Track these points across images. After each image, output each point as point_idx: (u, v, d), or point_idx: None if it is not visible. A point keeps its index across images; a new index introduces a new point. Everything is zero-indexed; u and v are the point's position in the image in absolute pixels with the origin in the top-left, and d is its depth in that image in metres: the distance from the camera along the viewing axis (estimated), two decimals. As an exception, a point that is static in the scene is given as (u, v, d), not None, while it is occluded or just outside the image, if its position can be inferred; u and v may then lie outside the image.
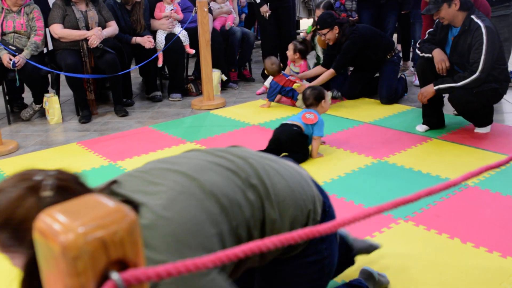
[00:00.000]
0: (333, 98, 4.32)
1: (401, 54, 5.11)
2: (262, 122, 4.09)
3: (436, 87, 3.42)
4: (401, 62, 5.14)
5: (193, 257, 0.95)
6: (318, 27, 4.51)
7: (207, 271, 1.12)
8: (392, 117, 4.07)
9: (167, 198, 1.16)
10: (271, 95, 4.52)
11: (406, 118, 4.00)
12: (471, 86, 3.31)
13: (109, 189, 1.19)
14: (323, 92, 3.41)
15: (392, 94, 4.40)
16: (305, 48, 4.81)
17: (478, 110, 3.47)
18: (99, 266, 0.53)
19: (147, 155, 3.48)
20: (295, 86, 4.44)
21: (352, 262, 1.89)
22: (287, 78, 4.50)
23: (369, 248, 1.99)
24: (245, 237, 1.25)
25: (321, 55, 5.10)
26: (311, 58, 5.45)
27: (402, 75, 4.71)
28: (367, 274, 1.88)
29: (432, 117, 3.65)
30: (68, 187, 1.08)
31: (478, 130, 3.59)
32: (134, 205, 1.13)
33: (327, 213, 1.47)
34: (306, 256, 1.44)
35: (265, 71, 4.65)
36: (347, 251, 1.86)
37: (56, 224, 0.53)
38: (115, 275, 0.53)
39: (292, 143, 3.21)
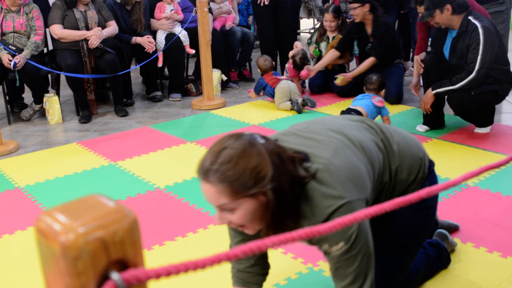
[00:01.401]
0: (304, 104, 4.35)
1: (403, 63, 5.08)
2: (262, 122, 4.09)
3: (434, 91, 3.42)
4: (406, 70, 5.17)
5: (357, 193, 1.39)
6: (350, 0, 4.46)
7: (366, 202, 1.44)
8: (392, 117, 4.07)
9: (332, 149, 1.44)
10: (257, 89, 4.62)
11: (406, 118, 4.00)
12: (468, 87, 3.30)
13: (277, 144, 1.40)
14: (386, 82, 3.76)
15: (401, 93, 4.41)
16: (301, 65, 4.75)
17: (477, 111, 3.47)
18: (99, 266, 0.53)
19: (147, 155, 3.48)
20: (338, 80, 4.42)
21: (431, 236, 2.10)
22: (275, 77, 4.51)
23: (450, 227, 2.26)
24: (378, 181, 1.55)
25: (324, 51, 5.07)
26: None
27: None
28: (442, 236, 2.10)
29: (432, 117, 3.65)
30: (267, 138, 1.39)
31: (478, 130, 3.59)
32: (305, 156, 1.40)
33: (431, 169, 1.74)
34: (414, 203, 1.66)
35: (258, 69, 4.66)
36: (434, 224, 2.10)
37: (56, 224, 0.53)
38: (115, 275, 0.53)
39: None
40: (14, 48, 4.21)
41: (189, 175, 3.08)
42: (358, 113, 3.40)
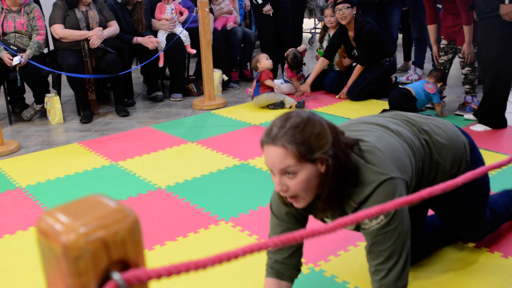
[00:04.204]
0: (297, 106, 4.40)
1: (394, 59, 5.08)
2: (263, 122, 4.09)
3: None
4: (407, 70, 5.18)
5: (399, 173, 1.52)
6: (340, 0, 4.48)
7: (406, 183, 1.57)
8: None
9: (376, 136, 1.60)
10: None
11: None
12: None
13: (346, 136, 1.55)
14: (446, 77, 4.15)
15: (356, 92, 4.51)
16: (294, 64, 4.76)
17: None
18: (101, 266, 0.53)
19: (148, 155, 3.48)
20: (340, 96, 4.63)
21: None
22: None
23: None
24: (417, 170, 1.67)
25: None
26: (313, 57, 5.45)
27: (394, 77, 4.75)
28: None
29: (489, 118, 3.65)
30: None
31: (475, 128, 3.64)
32: (356, 141, 1.54)
33: (475, 151, 1.91)
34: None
35: (256, 66, 4.62)
36: None
37: (57, 224, 0.53)
38: (116, 275, 0.53)
39: (398, 101, 3.85)
40: (16, 48, 4.21)
41: (190, 175, 3.08)
42: (407, 90, 3.88)
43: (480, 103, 3.68)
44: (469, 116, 3.82)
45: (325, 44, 5.00)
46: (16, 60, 4.05)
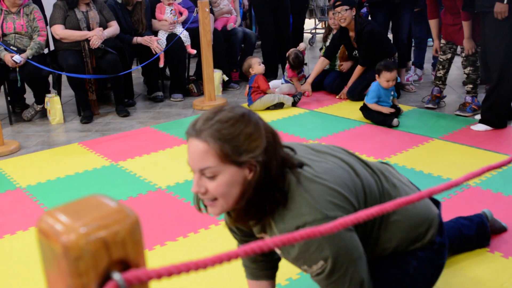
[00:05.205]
0: (294, 103, 4.47)
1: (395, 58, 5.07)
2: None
3: None
4: (408, 70, 5.17)
5: (331, 214, 1.26)
6: (340, 2, 4.47)
7: (351, 227, 1.33)
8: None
9: (327, 167, 1.38)
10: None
11: (407, 119, 4.00)
12: None
13: (288, 152, 1.38)
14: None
15: (356, 92, 4.53)
16: (295, 64, 4.78)
17: None
18: (101, 266, 0.53)
19: (148, 155, 3.48)
20: (341, 96, 4.66)
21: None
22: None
23: (501, 229, 2.26)
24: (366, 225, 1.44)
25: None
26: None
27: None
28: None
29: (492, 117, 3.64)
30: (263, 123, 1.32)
31: (475, 127, 3.63)
32: (301, 164, 1.35)
33: (435, 245, 1.56)
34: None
35: (248, 71, 4.59)
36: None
37: (58, 225, 0.53)
38: (116, 275, 0.53)
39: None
40: (16, 49, 4.21)
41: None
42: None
43: (485, 98, 3.66)
44: (478, 116, 3.79)
45: (328, 43, 5.00)
46: (15, 58, 4.06)
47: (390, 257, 1.52)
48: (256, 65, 4.50)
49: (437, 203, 1.67)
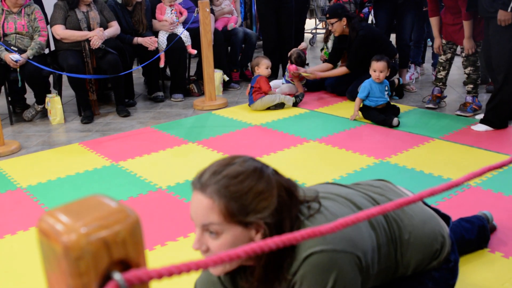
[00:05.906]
0: (295, 104, 4.50)
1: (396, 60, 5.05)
2: (264, 122, 4.09)
3: None
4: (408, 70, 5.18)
5: (348, 247, 1.21)
6: (328, 15, 4.60)
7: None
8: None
9: (336, 210, 1.31)
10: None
11: (407, 119, 4.00)
12: None
13: (291, 180, 1.29)
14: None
15: (356, 93, 4.48)
16: (297, 64, 4.78)
17: None
18: (101, 266, 0.53)
19: (149, 156, 3.48)
20: (306, 74, 4.65)
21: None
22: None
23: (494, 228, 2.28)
24: (382, 256, 1.39)
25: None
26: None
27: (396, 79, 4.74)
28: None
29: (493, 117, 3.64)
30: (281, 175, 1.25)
31: (476, 128, 3.63)
32: (314, 198, 1.30)
33: (448, 264, 1.55)
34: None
35: (254, 68, 4.58)
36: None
37: (58, 225, 0.53)
38: (117, 276, 0.53)
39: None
40: (16, 49, 4.21)
41: (191, 176, 3.07)
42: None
43: (490, 99, 3.66)
44: (479, 116, 3.79)
45: (329, 44, 5.01)
46: (13, 57, 4.06)
47: (408, 278, 1.51)
48: (263, 67, 4.50)
49: (446, 219, 1.66)
